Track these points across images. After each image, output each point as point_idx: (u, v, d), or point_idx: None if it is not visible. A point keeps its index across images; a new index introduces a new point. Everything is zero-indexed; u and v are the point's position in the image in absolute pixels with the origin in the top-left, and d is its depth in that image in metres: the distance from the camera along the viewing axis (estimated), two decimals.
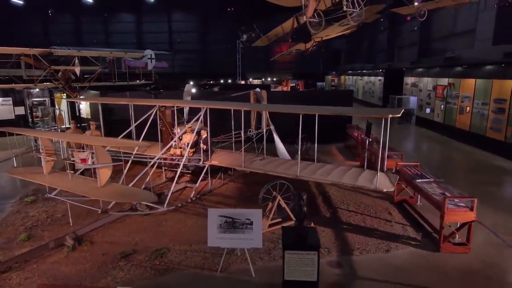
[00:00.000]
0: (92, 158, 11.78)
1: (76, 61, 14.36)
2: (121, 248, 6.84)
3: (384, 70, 28.47)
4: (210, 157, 9.46)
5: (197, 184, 9.37)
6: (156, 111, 9.78)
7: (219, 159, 9.64)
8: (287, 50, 26.12)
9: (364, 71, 35.22)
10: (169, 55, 43.96)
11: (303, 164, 8.51)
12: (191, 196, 9.13)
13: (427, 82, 20.99)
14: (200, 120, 10.16)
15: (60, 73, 14.70)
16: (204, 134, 9.83)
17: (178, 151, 9.78)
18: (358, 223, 7.97)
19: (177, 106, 9.92)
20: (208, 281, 5.83)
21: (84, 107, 19.11)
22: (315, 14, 10.48)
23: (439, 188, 7.47)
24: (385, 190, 7.35)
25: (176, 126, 10.06)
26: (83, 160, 11.22)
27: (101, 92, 17.32)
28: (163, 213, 8.29)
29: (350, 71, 42.61)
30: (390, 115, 7.06)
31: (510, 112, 13.36)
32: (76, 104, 18.08)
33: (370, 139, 11.34)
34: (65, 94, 18.53)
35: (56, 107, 19.06)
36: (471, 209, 6.41)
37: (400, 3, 16.76)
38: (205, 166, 9.36)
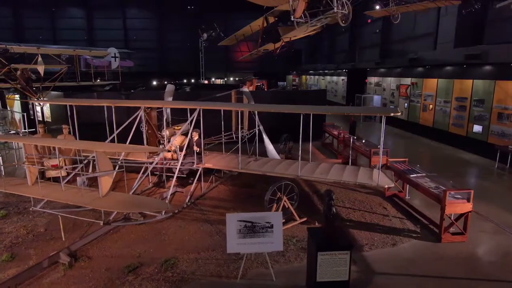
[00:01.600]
0: (65, 164, 10.93)
1: (40, 59, 13.06)
2: (124, 261, 6.35)
3: (347, 70, 29.65)
4: (203, 160, 9.16)
5: (192, 189, 9.02)
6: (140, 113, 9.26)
7: (212, 161, 9.36)
8: (255, 49, 26.09)
9: (326, 70, 36.40)
10: (133, 53, 41.89)
11: (296, 163, 8.57)
12: (186, 201, 8.74)
13: (390, 82, 22.22)
14: (187, 123, 9.80)
15: (18, 72, 13.29)
16: (195, 136, 9.47)
17: (169, 155, 9.32)
18: (358, 219, 8.18)
19: (165, 107, 9.45)
20: None
21: (45, 110, 17.55)
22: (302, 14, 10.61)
23: (433, 181, 7.91)
24: (386, 187, 7.65)
25: (164, 128, 9.58)
26: (54, 166, 10.39)
27: (65, 93, 16.02)
28: (160, 221, 7.86)
29: (311, 71, 43.79)
30: (392, 114, 7.34)
31: (471, 109, 14.59)
32: (35, 107, 16.51)
33: (355, 137, 11.71)
34: (18, 95, 16.87)
35: (8, 109, 17.27)
36: (468, 200, 6.87)
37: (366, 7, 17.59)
38: (198, 170, 9.05)
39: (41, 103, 15.25)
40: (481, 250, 6.77)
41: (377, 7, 18.21)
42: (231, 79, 53.33)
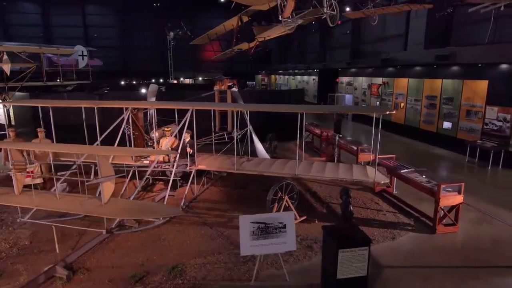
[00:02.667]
0: (41, 170, 10.17)
1: (5, 56, 12.00)
2: (127, 271, 6.01)
3: (318, 70, 30.35)
4: (196, 162, 8.92)
5: (186, 191, 8.75)
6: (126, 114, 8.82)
7: (205, 163, 9.14)
8: (229, 49, 25.99)
9: (296, 70, 37.01)
10: (100, 51, 39.87)
11: (291, 162, 8.64)
12: (181, 204, 8.47)
13: (362, 81, 23.05)
14: (181, 124, 9.50)
15: None
16: (187, 138, 9.19)
17: (160, 157, 8.97)
18: (355, 215, 8.37)
19: (155, 108, 9.08)
20: None
21: (5, 112, 16.16)
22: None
23: (423, 176, 8.30)
24: (382, 182, 7.90)
25: (154, 130, 9.20)
26: (28, 175, 9.67)
27: (30, 94, 14.89)
28: (157, 227, 7.54)
29: (280, 71, 44.30)
30: (388, 112, 7.59)
31: (441, 107, 15.52)
32: None
33: (341, 135, 11.99)
34: None
35: None
36: (459, 193, 7.29)
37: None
38: (191, 172, 8.80)
39: (7, 105, 14.03)
40: (472, 239, 7.21)
41: (348, 9, 18.84)
42: (200, 78, 52.56)
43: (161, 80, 41.54)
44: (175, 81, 43.81)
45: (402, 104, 18.41)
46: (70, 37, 46.83)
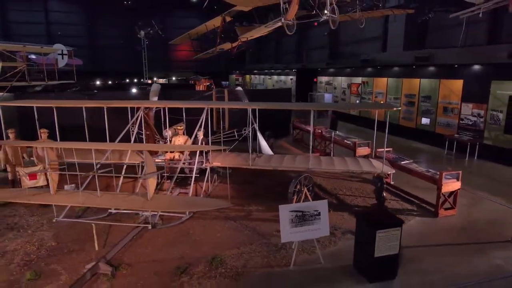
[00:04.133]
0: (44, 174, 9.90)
1: None
2: (167, 265, 6.22)
3: (296, 70, 31.26)
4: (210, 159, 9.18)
5: (204, 188, 8.98)
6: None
7: (218, 160, 9.41)
8: (211, 48, 26.18)
9: (272, 70, 37.76)
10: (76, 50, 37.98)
11: (300, 157, 9.18)
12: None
13: (341, 81, 24.16)
14: (183, 122, 9.72)
15: None
16: (200, 136, 9.41)
17: (176, 155, 9.12)
18: (364, 204, 9.04)
19: (168, 107, 9.21)
20: (287, 276, 5.93)
21: None
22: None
23: (421, 166, 9.17)
24: (389, 173, 8.64)
25: (167, 129, 9.34)
26: (33, 177, 9.53)
27: (16, 94, 14.22)
28: (181, 223, 7.74)
29: (255, 71, 44.90)
30: (395, 108, 8.33)
31: (419, 104, 16.80)
32: None
33: (337, 131, 12.71)
34: None
35: None
36: (457, 180, 8.19)
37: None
38: (206, 169, 9.04)
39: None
40: (469, 220, 8.14)
41: (326, 11, 19.68)
42: (173, 78, 51.86)
43: (135, 80, 40.59)
44: (149, 81, 42.91)
45: (382, 102, 19.61)
46: (31, 34, 44.26)
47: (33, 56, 19.49)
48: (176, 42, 28.65)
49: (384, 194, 5.78)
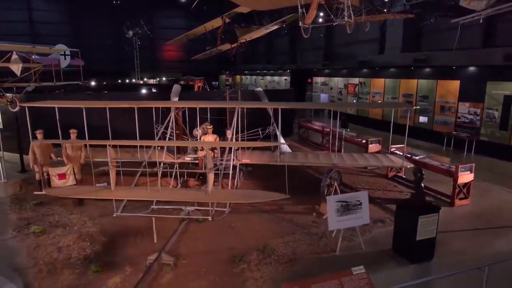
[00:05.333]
0: (73, 171, 10.07)
1: (15, 56, 11.43)
2: (220, 254, 6.65)
3: (290, 71, 31.98)
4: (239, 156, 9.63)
5: (235, 184, 9.39)
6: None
7: (246, 157, 9.86)
8: (209, 50, 26.56)
9: (265, 71, 38.39)
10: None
11: (323, 154, 9.76)
12: None
13: (338, 81, 25.01)
14: (208, 121, 10.11)
15: None
16: (229, 134, 9.84)
17: (201, 153, 9.50)
18: (384, 196, 9.74)
19: (199, 107, 9.58)
20: (335, 261, 6.47)
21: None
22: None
23: (435, 160, 9.95)
24: (409, 167, 9.35)
25: (198, 128, 9.71)
26: (62, 176, 9.76)
27: (28, 95, 14.14)
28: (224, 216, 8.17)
29: (246, 71, 45.40)
30: (414, 107, 9.03)
31: (417, 103, 17.75)
32: None
33: (348, 130, 13.38)
34: None
35: None
36: (471, 172, 8.99)
37: None
38: (236, 166, 9.48)
39: (16, 108, 13.09)
40: (482, 208, 8.96)
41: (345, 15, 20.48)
42: (164, 79, 51.59)
43: (127, 81, 40.25)
44: (141, 82, 42.63)
45: (380, 101, 20.52)
46: (13, 33, 43.04)
47: (36, 57, 19.23)
48: (174, 43, 28.72)
49: (423, 184, 6.40)
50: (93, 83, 30.21)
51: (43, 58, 19.12)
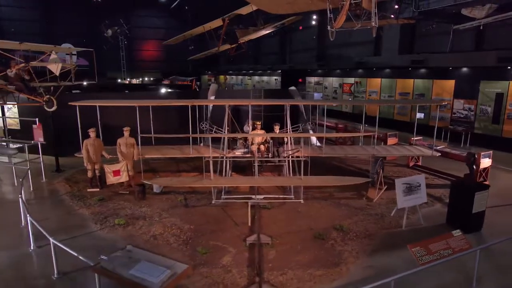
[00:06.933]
0: (127, 168, 10.44)
1: (54, 56, 11.43)
2: (303, 234, 7.48)
3: (281, 71, 33.11)
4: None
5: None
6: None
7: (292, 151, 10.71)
8: (207, 50, 27.12)
9: (251, 71, 39.24)
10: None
11: (358, 146, 10.88)
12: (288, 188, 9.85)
13: (332, 81, 26.44)
14: (249, 119, 10.89)
15: (13, 71, 11.35)
16: (277, 130, 10.63)
17: (260, 147, 10.24)
18: None
19: (251, 105, 10.29)
20: (404, 235, 7.49)
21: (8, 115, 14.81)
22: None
23: (453, 150, 11.39)
24: (438, 155, 10.66)
25: (249, 124, 10.41)
26: (116, 173, 10.21)
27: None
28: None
29: (231, 71, 45.97)
30: (444, 102, 10.33)
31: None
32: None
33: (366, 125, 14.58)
34: None
35: None
36: (490, 158, 10.46)
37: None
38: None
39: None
40: (500, 188, 10.42)
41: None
42: (146, 79, 50.82)
43: (119, 80, 39.52)
44: (127, 82, 41.88)
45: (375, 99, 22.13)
46: None
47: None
48: (170, 43, 28.86)
49: (474, 167, 7.64)
50: (84, 83, 29.43)
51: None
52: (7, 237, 7.37)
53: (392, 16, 15.78)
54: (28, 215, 6.70)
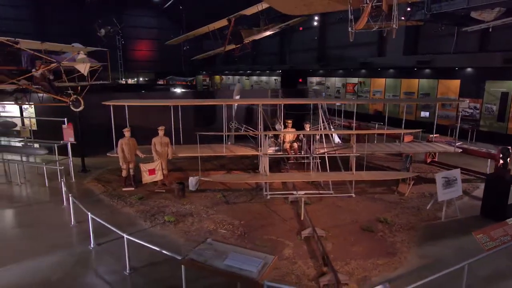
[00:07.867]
0: (161, 167, 10.59)
1: (82, 55, 11.40)
2: (350, 226, 7.84)
3: (281, 71, 33.49)
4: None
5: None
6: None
7: (321, 149, 11.03)
8: (211, 50, 27.24)
9: (249, 71, 39.50)
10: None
11: (382, 143, 11.34)
12: (321, 183, 10.17)
13: (335, 81, 26.97)
14: (278, 116, 11.18)
15: (39, 71, 11.30)
16: (307, 128, 10.94)
17: (293, 145, 10.52)
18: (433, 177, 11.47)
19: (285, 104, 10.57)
20: (444, 226, 7.93)
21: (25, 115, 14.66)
22: None
23: (471, 146, 11.96)
24: (459, 151, 11.19)
25: (280, 123, 10.68)
26: (152, 171, 10.38)
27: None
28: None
29: (227, 71, 46.09)
30: (467, 101, 10.87)
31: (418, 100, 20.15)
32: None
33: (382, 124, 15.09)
34: None
35: None
36: None
37: None
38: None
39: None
40: None
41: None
42: (141, 79, 50.39)
43: (116, 80, 39.07)
44: (123, 82, 41.47)
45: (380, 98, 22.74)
46: None
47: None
48: (173, 42, 28.84)
49: (508, 161, 8.15)
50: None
51: (60, 57, 18.47)
52: (62, 236, 7.43)
53: (403, 18, 16.32)
54: (88, 212, 6.79)
